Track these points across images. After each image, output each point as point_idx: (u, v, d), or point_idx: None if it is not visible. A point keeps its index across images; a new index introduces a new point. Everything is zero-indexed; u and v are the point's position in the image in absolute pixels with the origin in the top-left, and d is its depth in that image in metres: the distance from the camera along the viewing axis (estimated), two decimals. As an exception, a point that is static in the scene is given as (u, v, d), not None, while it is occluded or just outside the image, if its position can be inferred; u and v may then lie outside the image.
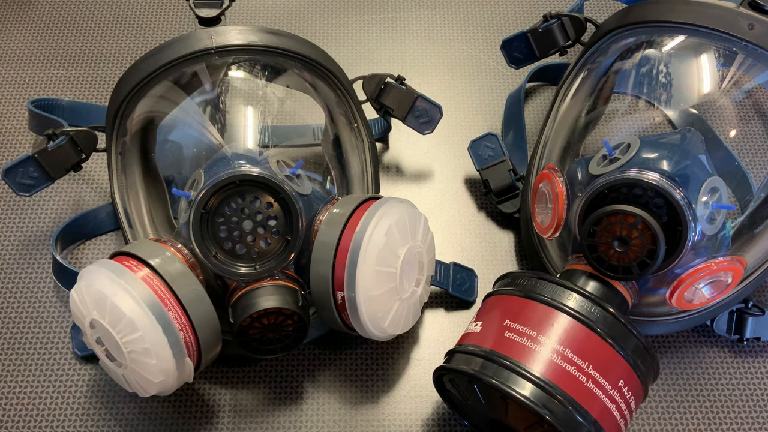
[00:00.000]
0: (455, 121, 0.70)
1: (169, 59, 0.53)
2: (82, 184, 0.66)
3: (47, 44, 0.75)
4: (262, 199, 0.49)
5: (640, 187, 0.48)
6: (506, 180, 0.63)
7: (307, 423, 0.55)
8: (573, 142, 0.60)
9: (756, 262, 0.54)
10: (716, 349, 0.59)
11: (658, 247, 0.47)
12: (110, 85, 0.72)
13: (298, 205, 0.49)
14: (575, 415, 0.43)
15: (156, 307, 0.45)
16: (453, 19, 0.78)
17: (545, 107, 0.71)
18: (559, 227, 0.53)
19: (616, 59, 0.58)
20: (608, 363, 0.45)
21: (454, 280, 0.60)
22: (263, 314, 0.48)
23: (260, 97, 0.58)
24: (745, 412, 0.56)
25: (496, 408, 0.48)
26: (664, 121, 0.62)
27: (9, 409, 0.55)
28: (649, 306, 0.54)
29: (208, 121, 0.56)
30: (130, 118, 0.55)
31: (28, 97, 0.71)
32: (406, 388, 0.57)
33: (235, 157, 0.51)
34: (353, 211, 0.50)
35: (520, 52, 0.63)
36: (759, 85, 0.59)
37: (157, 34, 0.76)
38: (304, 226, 0.50)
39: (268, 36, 0.55)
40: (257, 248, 0.50)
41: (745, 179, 0.58)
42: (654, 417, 0.56)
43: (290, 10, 0.78)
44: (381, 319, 0.49)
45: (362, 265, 0.48)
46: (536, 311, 0.47)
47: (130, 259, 0.48)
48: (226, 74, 0.57)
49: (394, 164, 0.68)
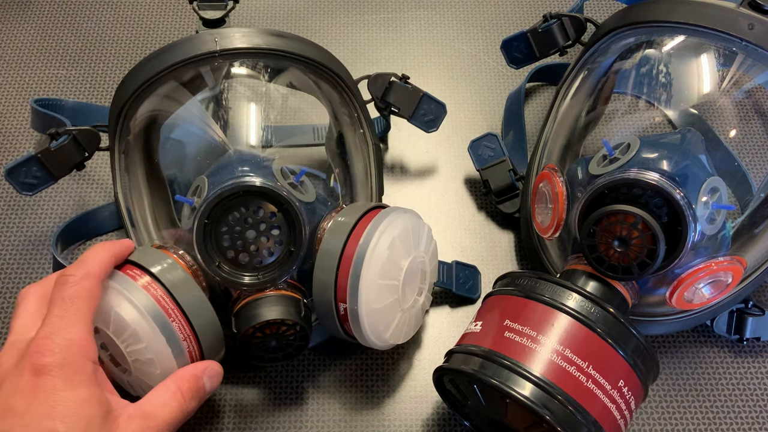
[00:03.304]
0: (455, 121, 0.70)
1: (173, 62, 0.53)
2: (83, 183, 0.66)
3: (47, 44, 0.75)
4: (266, 208, 0.49)
5: (640, 187, 0.48)
6: (506, 180, 0.63)
7: (308, 424, 0.55)
8: (573, 142, 0.60)
9: (756, 262, 0.54)
10: (716, 349, 0.59)
11: (658, 247, 0.47)
12: (111, 85, 0.72)
13: (301, 215, 0.49)
14: (575, 415, 0.43)
15: (160, 317, 0.46)
16: (453, 19, 0.78)
17: (545, 107, 0.71)
18: (559, 227, 0.53)
19: (616, 59, 0.58)
20: (608, 363, 0.45)
21: (457, 279, 0.60)
22: (266, 324, 0.48)
23: (263, 96, 0.58)
24: (745, 412, 0.56)
25: (496, 408, 0.48)
26: (664, 121, 0.62)
27: (9, 409, 0.55)
28: (649, 306, 0.54)
29: (211, 120, 0.56)
30: (133, 118, 0.55)
31: (29, 97, 0.71)
32: (406, 388, 0.57)
33: (238, 162, 0.51)
34: (357, 220, 0.50)
35: (520, 52, 0.63)
36: (759, 85, 0.59)
37: (158, 35, 0.76)
38: (308, 234, 0.50)
39: (272, 38, 0.55)
40: (260, 257, 0.50)
41: (745, 179, 0.58)
42: (654, 417, 0.56)
43: (290, 11, 0.78)
44: (383, 331, 0.50)
45: (365, 278, 0.48)
46: (536, 311, 0.47)
47: (133, 268, 0.48)
48: (230, 72, 0.57)
49: (394, 164, 0.68)
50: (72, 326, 0.42)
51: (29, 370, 0.40)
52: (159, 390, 0.46)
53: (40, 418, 0.39)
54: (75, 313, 0.43)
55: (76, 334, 0.42)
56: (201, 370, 0.48)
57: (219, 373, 0.49)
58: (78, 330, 0.42)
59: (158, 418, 0.44)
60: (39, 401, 0.40)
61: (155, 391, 0.45)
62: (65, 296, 0.43)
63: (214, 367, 0.49)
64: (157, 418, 0.44)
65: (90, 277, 0.44)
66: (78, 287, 0.44)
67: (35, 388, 0.40)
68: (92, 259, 0.46)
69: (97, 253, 0.47)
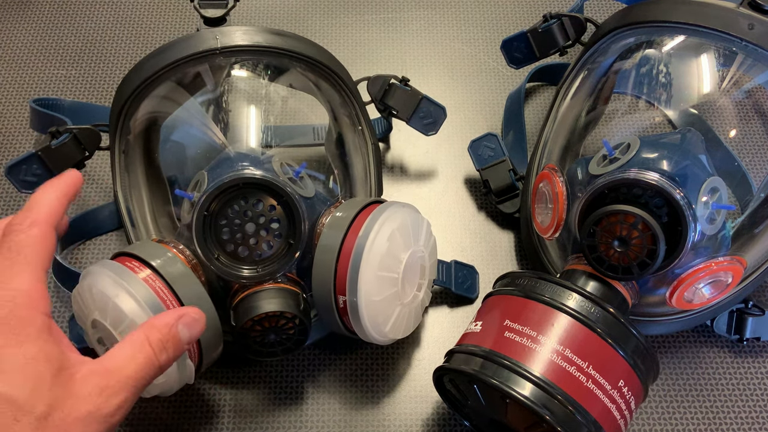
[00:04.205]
0: (455, 121, 0.70)
1: (174, 59, 0.53)
2: (84, 182, 0.66)
3: (47, 44, 0.75)
4: (265, 201, 0.49)
5: (640, 187, 0.48)
6: (506, 180, 0.63)
7: (308, 423, 0.55)
8: (573, 142, 0.60)
9: (756, 262, 0.54)
10: (716, 349, 0.59)
11: (658, 247, 0.47)
12: (110, 85, 0.72)
13: (301, 208, 0.49)
14: (575, 415, 0.43)
15: (158, 308, 0.45)
16: (453, 19, 0.78)
17: (545, 107, 0.71)
18: (559, 227, 0.53)
19: (616, 59, 0.58)
20: (608, 363, 0.45)
21: (456, 279, 0.60)
22: (264, 317, 0.48)
23: (263, 97, 0.58)
24: (745, 412, 0.56)
25: (496, 408, 0.48)
26: (664, 121, 0.62)
27: (9, 409, 0.55)
28: (649, 306, 0.54)
29: (211, 121, 0.56)
30: (133, 117, 0.55)
31: (29, 97, 0.71)
32: (406, 388, 0.57)
33: (238, 158, 0.51)
34: (356, 214, 0.50)
35: (520, 52, 0.63)
36: (759, 85, 0.59)
37: (158, 35, 0.76)
38: (307, 229, 0.50)
39: (272, 37, 0.55)
40: (260, 251, 0.50)
41: (745, 179, 0.58)
42: (654, 417, 0.56)
43: (290, 10, 0.78)
44: (382, 324, 0.50)
45: (364, 270, 0.48)
46: (536, 311, 0.47)
47: (132, 260, 0.48)
48: (229, 74, 0.57)
49: (394, 164, 0.68)
50: (18, 276, 0.38)
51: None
52: (125, 342, 0.41)
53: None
54: (22, 261, 0.39)
55: (23, 284, 0.38)
56: (175, 318, 0.42)
57: (196, 319, 0.44)
58: (25, 280, 0.38)
59: (121, 373, 0.39)
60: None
61: (121, 344, 0.41)
62: (11, 245, 0.40)
63: (191, 313, 0.44)
64: (120, 373, 0.39)
65: (38, 224, 0.41)
66: (25, 235, 0.40)
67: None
68: (40, 204, 0.42)
69: (44, 196, 0.43)
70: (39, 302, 0.38)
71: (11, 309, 0.37)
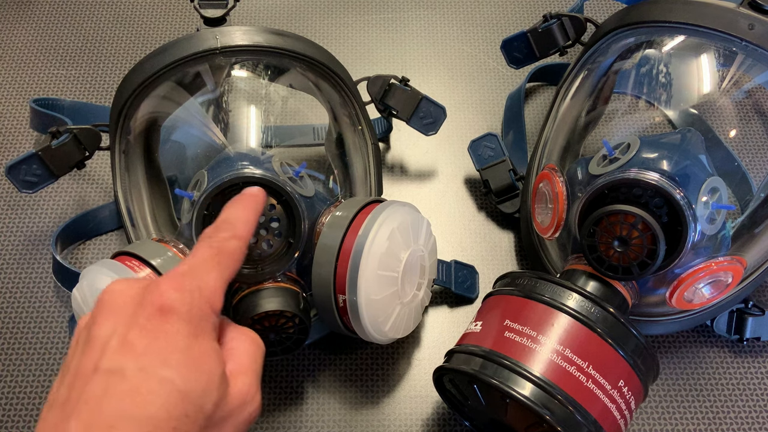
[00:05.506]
0: (455, 121, 0.70)
1: (174, 59, 0.53)
2: (83, 183, 0.66)
3: (47, 44, 0.75)
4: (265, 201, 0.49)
5: (640, 187, 0.48)
6: (506, 180, 0.63)
7: (308, 423, 0.55)
8: (573, 142, 0.60)
9: (756, 262, 0.54)
10: (716, 349, 0.59)
11: (658, 247, 0.47)
12: (110, 85, 0.72)
13: (300, 207, 0.49)
14: (575, 415, 0.43)
15: None
16: (453, 19, 0.78)
17: (545, 107, 0.71)
18: (559, 227, 0.53)
19: (616, 59, 0.58)
20: (608, 363, 0.45)
21: (456, 278, 0.60)
22: (264, 316, 0.48)
23: (263, 97, 0.58)
24: (745, 412, 0.56)
25: (496, 408, 0.48)
26: (664, 121, 0.62)
27: (9, 409, 0.56)
28: (649, 306, 0.54)
29: (211, 121, 0.56)
30: (133, 117, 0.55)
31: (29, 97, 0.71)
32: (406, 388, 0.57)
33: (238, 157, 0.51)
34: (356, 214, 0.50)
35: (520, 52, 0.63)
36: (759, 85, 0.59)
37: (157, 34, 0.76)
38: (307, 228, 0.50)
39: (272, 37, 0.55)
40: (259, 250, 0.50)
41: (745, 179, 0.58)
42: (654, 417, 0.56)
43: (290, 10, 0.78)
44: (382, 323, 0.50)
45: (364, 268, 0.48)
46: (536, 311, 0.47)
47: (132, 259, 0.48)
48: (229, 74, 0.57)
49: (395, 164, 0.68)
50: (210, 272, 0.39)
51: (155, 305, 0.36)
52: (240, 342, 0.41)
53: (158, 365, 0.34)
54: (218, 262, 0.40)
55: (211, 282, 0.38)
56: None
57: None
58: (214, 278, 0.39)
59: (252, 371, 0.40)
60: (160, 344, 0.35)
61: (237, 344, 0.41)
62: (213, 244, 0.40)
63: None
64: (251, 371, 0.40)
65: (238, 238, 0.42)
66: (225, 243, 0.41)
67: (158, 327, 0.35)
68: (240, 221, 0.43)
69: (244, 214, 0.44)
70: (217, 303, 0.39)
71: (195, 299, 0.37)
